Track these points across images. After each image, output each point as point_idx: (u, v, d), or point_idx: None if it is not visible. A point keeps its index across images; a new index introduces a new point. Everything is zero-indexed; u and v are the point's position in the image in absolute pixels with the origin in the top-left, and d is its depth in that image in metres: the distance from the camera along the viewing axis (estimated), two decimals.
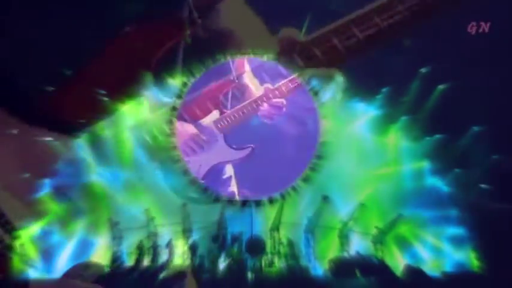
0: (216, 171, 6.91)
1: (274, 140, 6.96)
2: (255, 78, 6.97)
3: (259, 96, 6.90)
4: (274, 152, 6.94)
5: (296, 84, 6.81)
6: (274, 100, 6.87)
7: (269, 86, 6.91)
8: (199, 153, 6.89)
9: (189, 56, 6.89)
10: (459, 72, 6.64)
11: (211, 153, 6.92)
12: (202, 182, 6.84)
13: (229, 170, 7.00)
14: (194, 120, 6.93)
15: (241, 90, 6.91)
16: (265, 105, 6.87)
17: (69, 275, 6.38)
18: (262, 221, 7.09)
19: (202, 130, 6.91)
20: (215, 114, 6.86)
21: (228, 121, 6.87)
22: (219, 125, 6.84)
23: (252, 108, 6.86)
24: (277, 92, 6.83)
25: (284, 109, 6.89)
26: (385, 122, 7.02)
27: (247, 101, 6.89)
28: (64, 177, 6.78)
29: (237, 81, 6.86)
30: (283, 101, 6.90)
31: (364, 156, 6.95)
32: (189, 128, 6.91)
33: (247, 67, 6.88)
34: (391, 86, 6.78)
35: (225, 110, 6.82)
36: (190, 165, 6.84)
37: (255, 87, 6.90)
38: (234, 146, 6.85)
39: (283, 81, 6.84)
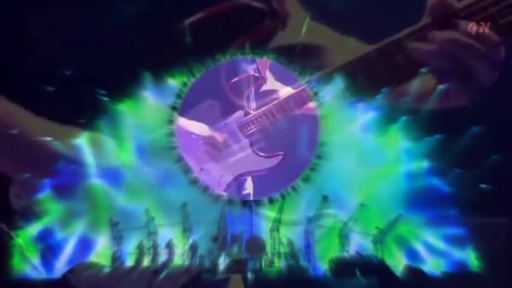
0: (239, 182, 6.43)
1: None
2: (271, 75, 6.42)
3: (293, 93, 5.95)
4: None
5: None
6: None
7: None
8: (219, 161, 6.16)
9: (189, 55, 6.87)
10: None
11: (235, 161, 6.16)
12: (224, 193, 6.31)
13: (249, 186, 6.48)
14: (211, 122, 6.15)
15: (264, 87, 6.15)
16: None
17: (69, 275, 6.39)
18: (262, 221, 7.09)
19: (223, 133, 6.23)
20: (239, 115, 6.14)
21: (255, 123, 6.15)
22: (244, 128, 6.15)
23: (282, 108, 6.04)
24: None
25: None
26: (385, 122, 7.02)
27: (279, 99, 6.00)
28: (64, 177, 6.79)
29: (260, 77, 6.15)
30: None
31: (364, 156, 6.95)
32: (206, 130, 6.18)
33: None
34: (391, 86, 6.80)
35: (250, 111, 6.08)
36: (209, 174, 6.14)
37: (273, 84, 6.30)
38: (262, 154, 6.15)
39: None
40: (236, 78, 6.28)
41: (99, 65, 6.51)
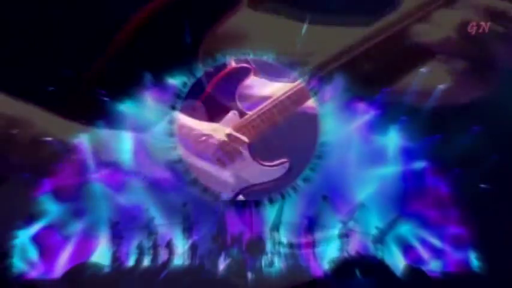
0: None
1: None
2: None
3: (293, 90, 5.49)
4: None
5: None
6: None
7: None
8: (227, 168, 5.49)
9: (189, 55, 6.87)
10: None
11: (238, 172, 5.50)
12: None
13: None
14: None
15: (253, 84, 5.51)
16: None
17: (69, 275, 6.39)
18: (262, 221, 7.10)
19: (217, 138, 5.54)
20: (233, 116, 5.37)
21: (253, 126, 5.34)
22: (241, 132, 5.36)
23: (283, 107, 5.37)
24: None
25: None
26: (385, 122, 7.04)
27: (277, 97, 5.34)
28: (64, 177, 6.79)
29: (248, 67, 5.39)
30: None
31: (364, 156, 6.97)
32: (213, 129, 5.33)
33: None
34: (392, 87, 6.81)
35: (246, 111, 5.27)
36: (220, 184, 5.59)
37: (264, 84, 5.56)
38: (266, 163, 5.44)
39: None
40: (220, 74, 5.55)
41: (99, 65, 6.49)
